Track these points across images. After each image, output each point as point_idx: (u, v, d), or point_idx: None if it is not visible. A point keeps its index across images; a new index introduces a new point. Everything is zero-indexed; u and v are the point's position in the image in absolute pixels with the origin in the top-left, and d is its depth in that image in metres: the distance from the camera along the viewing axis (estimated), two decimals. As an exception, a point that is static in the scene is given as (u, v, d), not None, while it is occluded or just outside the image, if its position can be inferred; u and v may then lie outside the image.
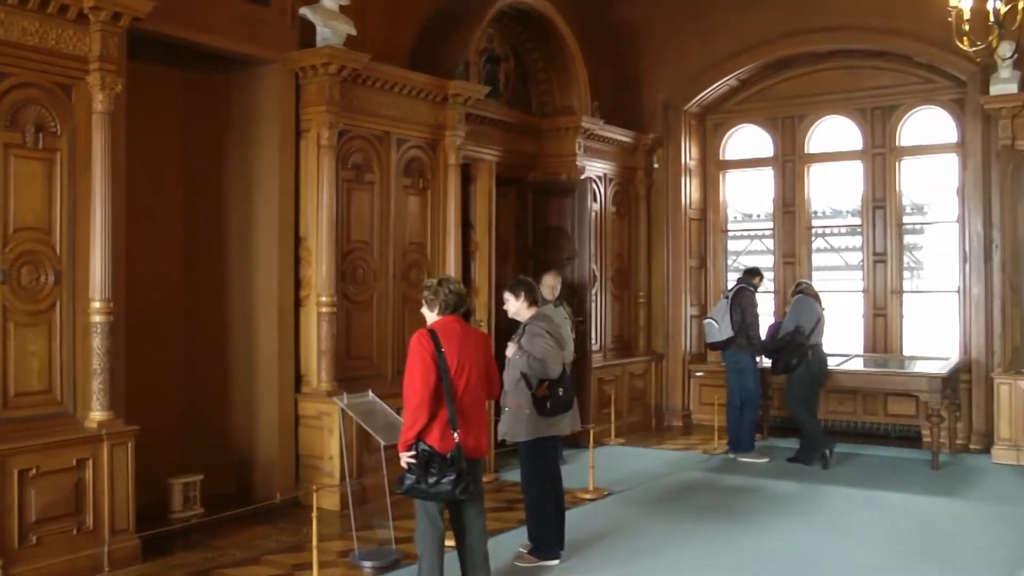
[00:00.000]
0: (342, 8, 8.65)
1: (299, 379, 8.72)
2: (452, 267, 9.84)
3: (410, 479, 5.52)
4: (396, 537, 7.16)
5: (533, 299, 7.04)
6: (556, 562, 6.92)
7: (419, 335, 5.60)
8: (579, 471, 9.46)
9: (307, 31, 8.59)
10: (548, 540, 6.94)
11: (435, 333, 5.58)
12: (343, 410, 7.49)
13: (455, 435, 5.49)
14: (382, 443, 7.15)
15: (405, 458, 5.52)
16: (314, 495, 6.65)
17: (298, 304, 8.72)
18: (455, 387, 5.55)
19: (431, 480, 5.48)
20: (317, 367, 8.57)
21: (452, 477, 5.46)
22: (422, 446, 5.48)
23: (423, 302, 5.87)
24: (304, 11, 8.53)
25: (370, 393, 7.53)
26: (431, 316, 5.79)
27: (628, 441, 11.90)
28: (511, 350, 6.92)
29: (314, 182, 8.58)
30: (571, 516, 8.05)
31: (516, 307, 7.07)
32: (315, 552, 6.25)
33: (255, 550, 7.26)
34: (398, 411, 7.77)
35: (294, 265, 8.70)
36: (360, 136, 9.00)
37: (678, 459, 10.97)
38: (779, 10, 12.35)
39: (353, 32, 8.67)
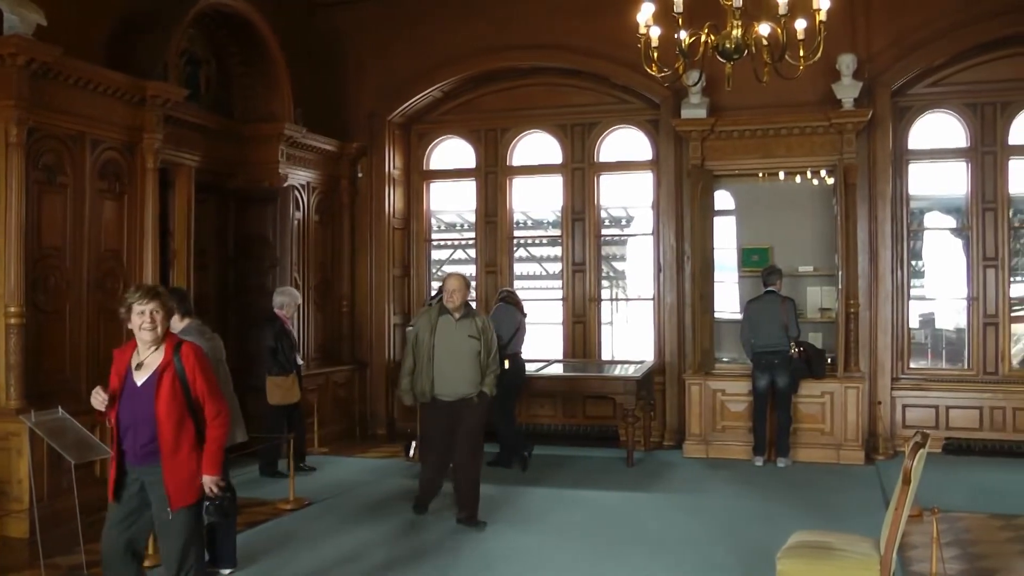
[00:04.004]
0: (32, -6, 8.12)
1: (-15, 396, 8.09)
2: (149, 275, 9.40)
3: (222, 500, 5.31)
4: (88, 561, 6.77)
5: (187, 310, 6.74)
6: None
7: (197, 347, 5.36)
8: (279, 482, 9.42)
9: (-7, 18, 7.99)
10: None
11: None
12: (31, 429, 7.03)
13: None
14: (72, 463, 6.76)
15: (216, 481, 5.23)
16: (-5, 523, 6.21)
17: (-17, 315, 8.09)
18: None
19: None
20: (5, 383, 7.96)
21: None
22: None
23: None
24: (-12, -6, 7.94)
25: (60, 409, 7.10)
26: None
27: (332, 450, 11.82)
28: None
29: (1, 183, 7.96)
30: (266, 527, 8.12)
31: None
32: (-2, 585, 5.88)
33: (-68, 588, 6.71)
34: (91, 428, 7.43)
35: (-22, 273, 8.05)
36: (52, 135, 8.46)
37: (383, 467, 11.01)
38: (485, 25, 12.62)
39: (43, 22, 8.10)
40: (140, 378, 5.14)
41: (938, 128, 12.11)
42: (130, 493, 5.17)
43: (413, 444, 10.10)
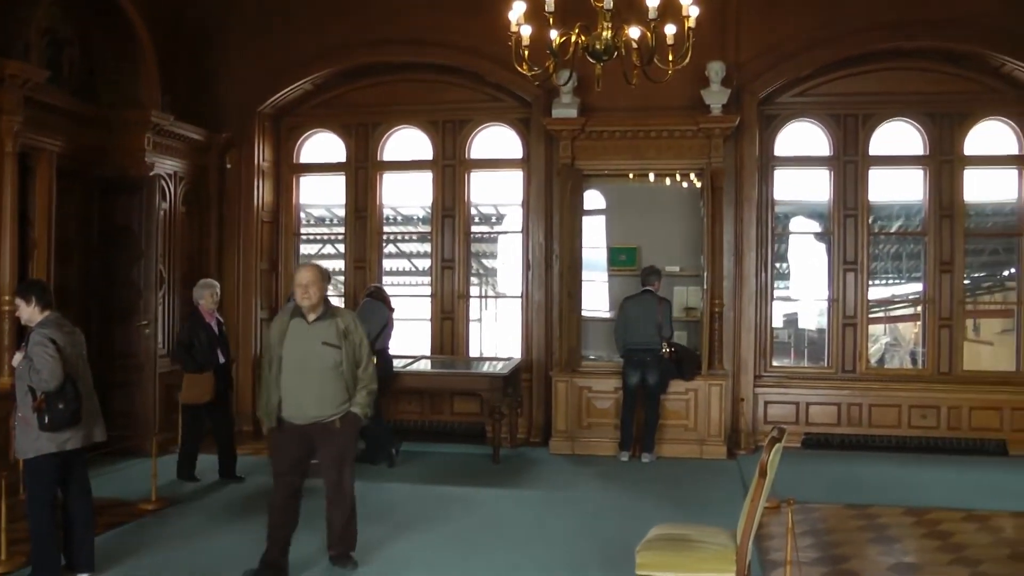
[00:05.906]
0: None
1: None
2: (7, 267, 9.08)
3: None
4: None
5: (46, 302, 6.50)
6: None
7: None
8: (143, 481, 9.15)
9: None
10: (48, 566, 6.41)
11: None
12: None
13: None
14: None
15: None
16: None
17: None
18: None
19: None
20: None
21: None
22: None
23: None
24: None
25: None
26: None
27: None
28: (17, 359, 6.41)
29: None
30: (127, 529, 7.93)
31: (28, 313, 6.48)
32: None
33: None
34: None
35: None
36: (-100, 116, 8.12)
37: (248, 464, 10.79)
38: (357, 19, 12.49)
39: None
40: None
41: (803, 136, 12.53)
42: None
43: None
